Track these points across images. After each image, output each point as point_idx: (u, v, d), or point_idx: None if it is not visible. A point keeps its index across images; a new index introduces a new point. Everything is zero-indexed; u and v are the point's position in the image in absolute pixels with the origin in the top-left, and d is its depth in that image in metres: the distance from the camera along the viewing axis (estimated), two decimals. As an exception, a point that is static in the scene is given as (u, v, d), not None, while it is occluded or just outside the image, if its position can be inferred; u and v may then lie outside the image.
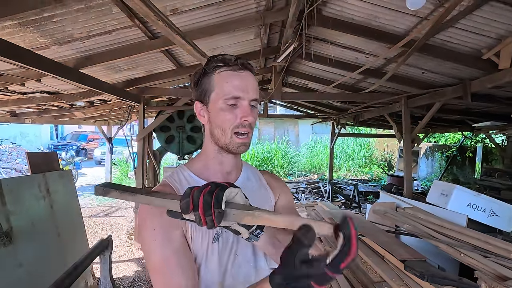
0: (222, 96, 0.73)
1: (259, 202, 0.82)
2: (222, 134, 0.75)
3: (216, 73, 0.75)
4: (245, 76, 0.75)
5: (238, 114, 0.73)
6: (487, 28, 2.33)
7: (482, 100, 3.96)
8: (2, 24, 1.99)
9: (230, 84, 0.73)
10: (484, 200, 3.40)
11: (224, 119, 0.74)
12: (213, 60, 0.76)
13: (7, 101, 4.19)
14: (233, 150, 0.76)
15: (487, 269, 2.18)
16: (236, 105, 0.73)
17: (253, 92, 0.75)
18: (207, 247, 0.73)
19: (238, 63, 0.74)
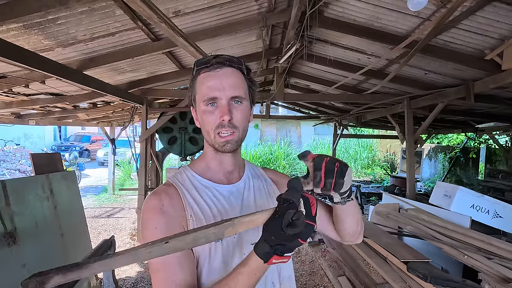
0: (201, 98, 0.74)
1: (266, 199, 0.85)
2: (208, 135, 0.76)
3: (199, 76, 0.75)
4: (222, 74, 0.73)
5: (218, 114, 0.73)
6: (490, 28, 2.32)
7: (485, 101, 3.94)
8: (7, 27, 2.02)
9: (206, 86, 0.73)
10: (488, 201, 3.38)
11: (206, 121, 0.74)
12: (196, 64, 0.76)
13: (11, 102, 4.23)
14: (219, 149, 0.76)
15: (491, 271, 2.16)
16: (216, 105, 0.73)
17: (231, 90, 0.73)
18: (210, 246, 0.72)
19: (215, 62, 0.73)
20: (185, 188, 0.77)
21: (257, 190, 0.86)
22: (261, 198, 0.84)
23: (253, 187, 0.85)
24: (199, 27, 2.71)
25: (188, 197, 0.76)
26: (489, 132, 6.98)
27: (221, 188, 0.80)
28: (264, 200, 0.85)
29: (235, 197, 0.80)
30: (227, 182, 0.82)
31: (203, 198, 0.77)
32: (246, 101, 0.76)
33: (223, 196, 0.79)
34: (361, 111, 6.07)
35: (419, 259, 2.47)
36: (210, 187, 0.79)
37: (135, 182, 9.42)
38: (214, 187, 0.80)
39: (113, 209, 6.81)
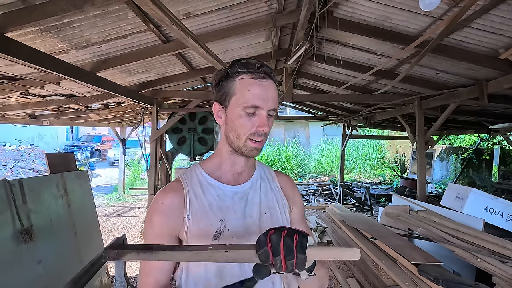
0: (242, 103, 0.74)
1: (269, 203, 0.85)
2: (237, 138, 0.77)
3: (239, 78, 0.75)
4: (267, 85, 0.75)
5: (255, 123, 0.75)
6: (505, 27, 2.27)
7: (499, 101, 3.85)
8: (25, 30, 2.08)
9: (251, 93, 0.74)
10: (502, 204, 3.30)
11: (241, 125, 0.75)
12: (236, 65, 0.76)
13: (27, 103, 4.35)
14: (246, 153, 0.78)
15: (505, 275, 2.12)
16: (254, 114, 0.75)
17: (272, 102, 0.75)
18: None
19: (262, 71, 0.75)
20: (190, 185, 0.80)
21: (264, 192, 0.86)
22: (266, 201, 0.85)
23: (260, 189, 0.86)
24: (209, 28, 2.74)
25: (191, 194, 0.78)
26: (503, 133, 6.81)
27: (227, 188, 0.81)
28: (269, 203, 0.85)
29: (240, 197, 0.81)
30: (234, 183, 0.83)
31: (205, 196, 0.79)
32: (274, 114, 0.80)
33: (227, 195, 0.80)
34: (370, 112, 6.01)
35: (430, 262, 2.44)
36: (215, 186, 0.81)
37: (145, 181, 9.55)
38: (219, 186, 0.81)
39: (123, 208, 6.92)
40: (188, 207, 0.76)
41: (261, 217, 0.81)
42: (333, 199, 7.69)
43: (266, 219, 0.81)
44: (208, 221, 0.76)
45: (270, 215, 0.83)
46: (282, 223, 0.84)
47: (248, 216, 0.80)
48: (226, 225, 0.76)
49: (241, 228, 0.77)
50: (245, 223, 0.78)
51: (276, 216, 0.84)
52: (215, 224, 0.76)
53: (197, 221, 0.75)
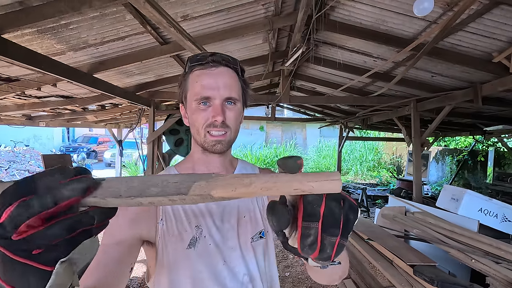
0: (194, 97, 0.71)
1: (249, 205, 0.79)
2: (197, 134, 0.73)
3: (191, 73, 0.73)
4: (217, 73, 0.71)
5: (210, 114, 0.70)
6: (498, 31, 2.31)
7: (493, 103, 3.90)
8: (22, 32, 2.08)
9: (200, 84, 0.70)
10: (496, 205, 3.34)
11: (196, 119, 0.72)
12: (189, 60, 0.74)
13: (23, 104, 4.33)
14: (209, 149, 0.73)
15: (499, 275, 2.14)
16: (209, 104, 0.71)
17: (225, 90, 0.70)
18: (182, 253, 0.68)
19: (209, 60, 0.70)
20: None
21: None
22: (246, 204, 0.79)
23: None
24: (207, 31, 2.75)
25: None
26: (497, 135, 6.89)
27: None
28: (248, 205, 0.79)
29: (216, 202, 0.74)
30: None
31: None
32: (239, 103, 0.74)
33: None
34: (367, 114, 6.05)
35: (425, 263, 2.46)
36: None
37: (142, 183, 9.50)
38: None
39: (120, 210, 6.88)
40: (161, 213, 0.70)
41: (240, 221, 0.76)
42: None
43: (245, 223, 0.76)
44: (182, 227, 0.70)
45: (249, 218, 0.77)
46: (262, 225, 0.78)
47: (226, 221, 0.74)
48: (202, 232, 0.71)
49: (218, 234, 0.72)
50: (222, 229, 0.73)
51: (256, 219, 0.78)
52: (190, 231, 0.70)
53: (171, 227, 0.70)
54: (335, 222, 0.35)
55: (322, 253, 0.35)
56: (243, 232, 0.75)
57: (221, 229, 0.73)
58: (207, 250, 0.70)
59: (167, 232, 0.69)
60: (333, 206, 0.35)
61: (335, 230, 0.35)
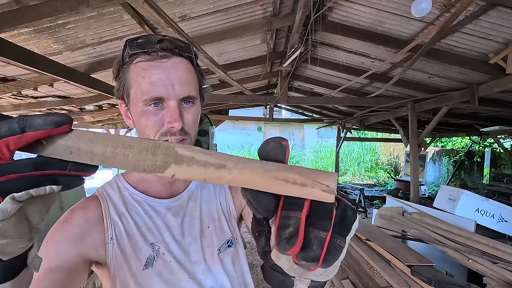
0: (140, 97, 0.55)
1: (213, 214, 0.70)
2: None
3: (133, 64, 0.56)
4: (170, 66, 0.55)
5: (165, 118, 0.56)
6: (494, 32, 2.33)
7: (489, 104, 3.93)
8: (19, 31, 2.07)
9: (147, 81, 0.54)
10: (493, 205, 3.37)
11: (146, 125, 0.56)
12: (128, 45, 0.56)
13: (19, 104, 4.30)
14: None
15: (496, 275, 2.15)
16: (161, 105, 0.56)
17: (182, 88, 0.56)
18: (138, 275, 0.58)
19: (158, 48, 0.55)
20: (111, 202, 0.62)
21: (206, 201, 0.70)
22: (210, 212, 0.70)
23: (200, 198, 0.70)
24: (205, 31, 2.75)
25: (113, 213, 0.61)
26: (494, 136, 6.95)
27: (156, 203, 0.64)
28: (213, 213, 0.70)
29: (174, 213, 0.65)
30: (167, 195, 0.66)
31: (131, 215, 0.62)
32: (197, 101, 0.61)
33: (157, 212, 0.64)
34: (364, 114, 6.07)
35: (423, 263, 2.46)
36: (141, 202, 0.64)
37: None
38: (147, 201, 0.64)
39: (117, 211, 6.85)
40: (110, 230, 0.59)
41: (203, 233, 0.67)
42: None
43: (210, 234, 0.67)
44: (136, 246, 0.60)
45: (213, 228, 0.68)
46: (230, 233, 0.69)
47: (187, 234, 0.65)
48: (159, 249, 0.61)
49: (178, 249, 0.63)
50: (184, 242, 0.64)
51: (222, 227, 0.69)
52: (145, 249, 0.60)
53: (123, 246, 0.59)
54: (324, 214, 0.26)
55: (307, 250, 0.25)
56: (208, 244, 0.66)
57: (182, 244, 0.64)
58: (168, 268, 0.60)
59: (120, 252, 0.59)
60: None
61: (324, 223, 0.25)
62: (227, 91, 5.28)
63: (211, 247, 0.66)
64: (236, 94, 4.82)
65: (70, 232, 0.56)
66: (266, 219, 0.29)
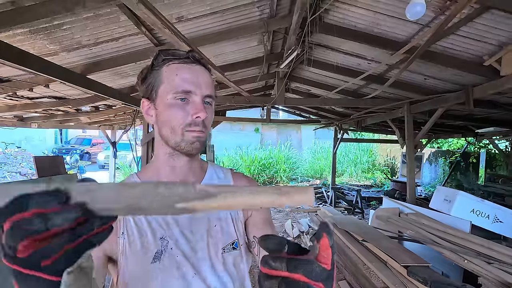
0: (171, 90, 0.65)
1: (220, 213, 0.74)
2: (172, 133, 0.66)
3: (165, 66, 0.67)
4: (197, 69, 0.68)
5: (190, 111, 0.65)
6: (489, 35, 2.36)
7: (484, 106, 3.97)
8: (14, 32, 2.05)
9: (180, 77, 0.65)
10: (488, 206, 3.39)
11: (173, 116, 0.65)
12: (161, 53, 0.69)
13: (15, 105, 4.26)
14: (186, 148, 0.67)
15: (491, 275, 2.17)
16: (187, 101, 0.65)
17: (206, 88, 0.67)
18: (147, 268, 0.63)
19: (190, 56, 0.68)
20: None
21: None
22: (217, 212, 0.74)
23: None
24: (202, 32, 2.75)
25: None
26: (489, 137, 7.01)
27: None
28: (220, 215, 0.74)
29: None
30: None
31: None
32: (213, 103, 0.71)
33: None
34: (361, 116, 6.10)
35: (419, 264, 2.48)
36: None
37: (136, 185, 9.40)
38: None
39: (113, 212, 6.80)
40: (122, 225, 0.65)
41: (210, 231, 0.71)
42: (325, 202, 7.74)
43: (216, 233, 0.71)
44: (146, 241, 0.65)
45: (220, 228, 0.72)
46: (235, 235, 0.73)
47: (195, 231, 0.69)
48: (168, 243, 0.66)
49: (186, 245, 0.67)
50: (191, 239, 0.68)
51: (228, 228, 0.73)
52: (154, 243, 0.65)
53: (134, 241, 0.65)
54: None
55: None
56: (213, 242, 0.70)
57: (190, 240, 0.68)
58: (175, 262, 0.65)
59: (129, 246, 0.64)
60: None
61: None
62: (224, 92, 5.28)
63: (216, 246, 0.70)
64: (233, 95, 4.83)
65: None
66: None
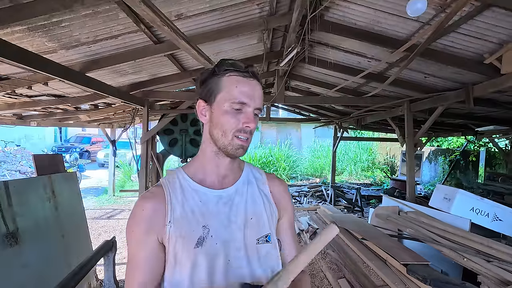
0: (229, 99, 0.74)
1: (256, 209, 0.82)
2: (222, 136, 0.76)
3: (226, 75, 0.76)
4: (254, 84, 0.77)
5: (241, 119, 0.74)
6: (489, 33, 2.35)
7: (484, 104, 3.96)
8: (12, 29, 2.04)
9: (239, 89, 0.74)
10: (488, 204, 3.39)
11: (227, 121, 0.75)
12: (224, 63, 0.77)
13: (14, 103, 4.25)
14: (231, 152, 0.76)
15: (490, 273, 2.17)
16: (240, 110, 0.75)
17: (258, 101, 0.77)
18: (190, 252, 0.72)
19: (249, 71, 0.77)
20: (172, 190, 0.78)
21: (250, 197, 0.83)
22: (253, 206, 0.82)
23: (246, 193, 0.83)
24: (201, 30, 2.74)
25: (174, 200, 0.76)
26: (488, 135, 7.01)
27: (210, 193, 0.79)
28: (256, 208, 0.82)
29: (224, 202, 0.79)
30: (218, 187, 0.81)
31: (188, 202, 0.76)
32: (259, 115, 0.80)
33: (210, 200, 0.78)
34: (361, 114, 6.09)
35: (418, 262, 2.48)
36: (198, 191, 0.79)
37: (136, 183, 9.43)
38: (202, 191, 0.79)
39: (113, 211, 6.81)
40: (169, 214, 0.74)
41: (247, 223, 0.78)
42: (325, 201, 7.75)
43: (252, 225, 0.79)
44: (190, 227, 0.74)
45: (256, 221, 0.80)
46: (269, 229, 0.82)
47: (233, 222, 0.77)
48: (209, 231, 0.74)
49: (224, 234, 0.75)
50: (229, 229, 0.76)
51: (263, 223, 0.81)
52: (197, 230, 0.74)
53: (179, 227, 0.73)
54: None
55: None
56: (249, 233, 0.78)
57: (228, 229, 0.76)
58: (214, 248, 0.73)
59: (175, 233, 0.73)
60: None
61: None
62: (224, 90, 5.27)
63: (251, 237, 0.78)
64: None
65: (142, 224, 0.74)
66: None
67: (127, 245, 0.77)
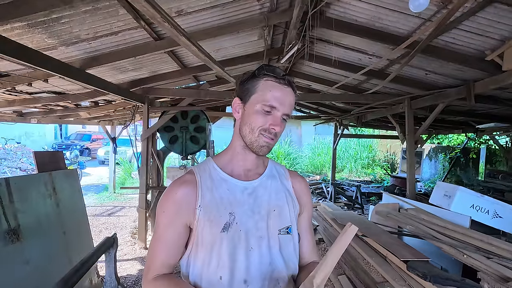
0: (261, 101, 0.81)
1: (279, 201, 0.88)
2: (250, 132, 0.82)
3: (263, 79, 0.82)
4: (287, 91, 0.82)
5: (269, 121, 0.81)
6: (491, 29, 2.33)
7: (485, 101, 3.95)
8: (12, 26, 2.03)
9: (272, 94, 0.80)
10: (488, 201, 3.39)
11: (255, 120, 0.81)
12: (264, 67, 0.84)
13: (14, 100, 4.25)
14: (256, 149, 0.83)
15: (490, 270, 2.18)
16: (270, 113, 0.81)
17: (288, 107, 0.82)
18: (216, 236, 0.79)
19: (286, 79, 0.83)
20: (203, 178, 0.85)
21: (274, 190, 0.89)
22: (276, 199, 0.88)
23: (270, 187, 0.89)
24: (201, 26, 2.72)
25: (204, 187, 0.83)
26: (489, 133, 6.99)
27: (237, 183, 0.86)
28: (279, 201, 0.88)
29: (249, 193, 0.85)
30: (244, 179, 0.87)
31: (217, 190, 0.83)
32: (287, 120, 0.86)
33: (237, 190, 0.85)
34: (361, 111, 6.08)
35: (418, 258, 2.49)
36: (227, 180, 0.86)
37: (136, 181, 9.44)
38: (230, 180, 0.86)
39: (114, 208, 6.83)
40: (200, 199, 0.81)
41: (270, 214, 0.85)
42: (325, 198, 7.76)
43: (274, 217, 0.85)
44: (218, 213, 0.80)
45: (278, 213, 0.86)
46: (290, 222, 0.88)
47: (257, 212, 0.83)
48: (234, 218, 0.80)
49: (249, 222, 0.81)
50: (253, 218, 0.82)
51: (285, 215, 0.87)
52: (224, 216, 0.80)
53: (208, 212, 0.80)
54: None
55: None
56: (272, 224, 0.84)
57: (252, 218, 0.82)
58: (238, 235, 0.80)
59: (204, 217, 0.80)
60: None
61: None
62: (224, 87, 5.26)
63: (273, 227, 0.84)
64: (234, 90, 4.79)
65: (178, 200, 0.82)
66: None
67: (155, 223, 0.85)
